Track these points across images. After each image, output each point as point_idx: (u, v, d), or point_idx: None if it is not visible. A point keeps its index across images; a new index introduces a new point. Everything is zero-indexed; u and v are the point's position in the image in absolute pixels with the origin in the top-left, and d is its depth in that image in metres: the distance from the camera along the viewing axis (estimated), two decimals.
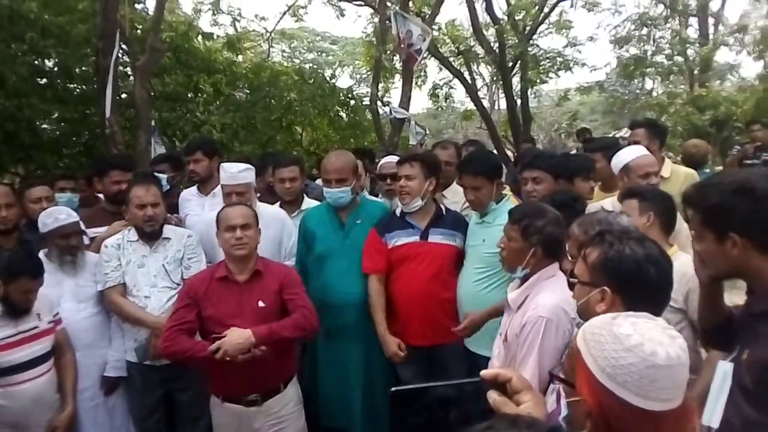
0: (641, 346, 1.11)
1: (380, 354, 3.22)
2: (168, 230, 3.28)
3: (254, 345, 2.53)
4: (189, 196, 4.00)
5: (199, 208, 3.88)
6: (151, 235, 3.20)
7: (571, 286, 1.80)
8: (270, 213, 3.45)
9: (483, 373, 0.96)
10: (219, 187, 3.90)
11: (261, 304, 2.72)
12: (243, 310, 2.69)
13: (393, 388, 0.94)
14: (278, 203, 3.80)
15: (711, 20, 15.77)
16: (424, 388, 0.97)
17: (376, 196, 4.39)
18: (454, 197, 3.63)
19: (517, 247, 2.32)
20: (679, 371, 1.11)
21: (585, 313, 1.70)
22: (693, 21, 15.96)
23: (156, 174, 4.23)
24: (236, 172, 3.36)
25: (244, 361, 2.52)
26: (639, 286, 1.59)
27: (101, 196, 4.11)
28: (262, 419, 2.74)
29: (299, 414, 2.91)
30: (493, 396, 0.92)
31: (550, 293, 2.20)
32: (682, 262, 2.45)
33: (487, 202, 3.08)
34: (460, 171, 3.22)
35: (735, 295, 2.04)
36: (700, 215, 1.65)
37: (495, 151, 9.90)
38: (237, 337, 2.52)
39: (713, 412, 1.58)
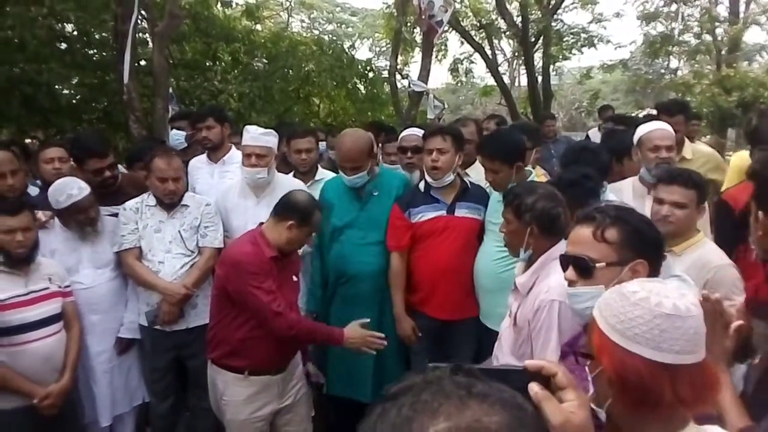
0: (647, 299, 1.13)
1: (392, 323, 3.22)
2: (187, 197, 3.28)
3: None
4: (199, 164, 3.98)
5: (209, 176, 3.89)
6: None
7: (588, 274, 1.66)
8: (288, 183, 3.44)
9: (528, 363, 0.92)
10: (229, 155, 3.91)
11: (294, 278, 2.87)
12: (285, 283, 2.79)
13: (430, 363, 0.91)
14: (292, 173, 3.78)
15: None
16: (461, 365, 0.93)
17: None
18: (477, 176, 3.54)
19: (514, 228, 2.28)
20: (690, 323, 1.11)
21: None
22: None
23: (175, 129, 4.23)
24: (259, 134, 3.35)
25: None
26: (660, 248, 1.62)
27: None
28: (289, 381, 2.87)
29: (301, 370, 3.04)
30: (535, 389, 0.86)
31: (561, 275, 2.15)
32: (707, 250, 2.38)
33: (506, 185, 2.95)
34: (479, 152, 3.13)
35: None
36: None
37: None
38: (359, 334, 2.78)
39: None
